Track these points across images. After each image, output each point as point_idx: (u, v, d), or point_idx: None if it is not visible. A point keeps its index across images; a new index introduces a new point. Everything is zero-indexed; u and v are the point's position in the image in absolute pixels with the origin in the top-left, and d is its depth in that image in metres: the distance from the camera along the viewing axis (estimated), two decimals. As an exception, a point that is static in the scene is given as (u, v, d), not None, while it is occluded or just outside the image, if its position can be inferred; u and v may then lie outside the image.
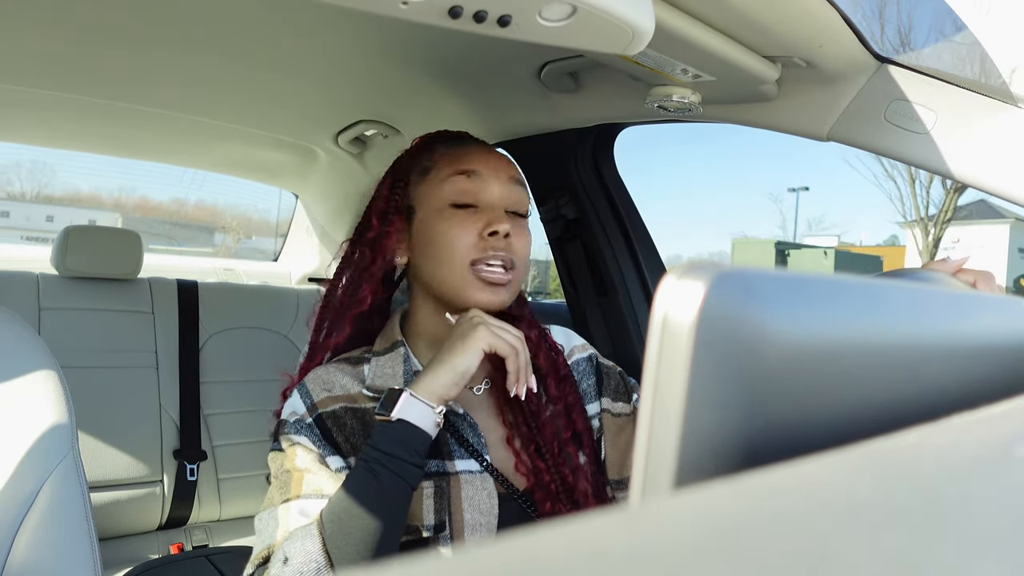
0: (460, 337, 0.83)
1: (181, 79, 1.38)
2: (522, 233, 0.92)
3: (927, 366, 0.30)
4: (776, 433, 0.23)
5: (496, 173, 0.91)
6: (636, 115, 1.27)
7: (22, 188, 49.27)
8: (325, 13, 1.08)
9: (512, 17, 0.67)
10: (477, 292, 0.87)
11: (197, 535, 1.74)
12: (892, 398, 0.28)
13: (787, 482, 0.18)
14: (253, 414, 1.82)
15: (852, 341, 0.26)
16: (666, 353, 0.21)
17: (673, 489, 0.21)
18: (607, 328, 1.57)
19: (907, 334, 0.29)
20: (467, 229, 0.88)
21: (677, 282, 0.21)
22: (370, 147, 1.79)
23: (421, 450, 0.78)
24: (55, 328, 1.67)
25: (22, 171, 50.27)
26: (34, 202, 43.52)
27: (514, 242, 0.89)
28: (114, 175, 5.02)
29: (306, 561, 0.73)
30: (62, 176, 52.62)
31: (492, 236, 0.87)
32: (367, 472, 0.76)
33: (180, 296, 1.86)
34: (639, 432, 0.22)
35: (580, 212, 1.55)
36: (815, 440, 0.24)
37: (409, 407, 0.78)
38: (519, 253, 0.91)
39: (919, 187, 18.67)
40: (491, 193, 0.90)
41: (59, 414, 0.88)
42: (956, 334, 0.32)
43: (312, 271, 2.39)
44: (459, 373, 0.81)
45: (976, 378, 0.33)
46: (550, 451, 0.88)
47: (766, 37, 0.90)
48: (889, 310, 0.29)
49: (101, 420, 1.63)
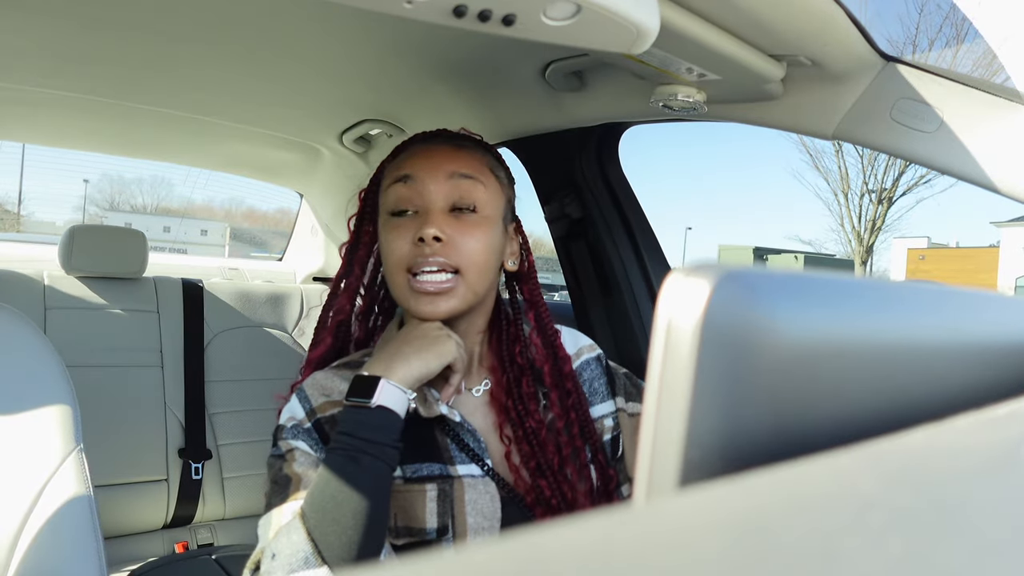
0: (431, 341, 0.84)
1: (186, 78, 1.39)
2: (468, 230, 0.86)
3: (933, 366, 0.30)
4: (781, 432, 0.23)
5: (433, 173, 0.87)
6: (641, 114, 1.27)
7: (143, 201, 51.59)
8: (330, 12, 1.08)
9: (517, 16, 0.67)
10: (416, 303, 0.85)
11: (202, 534, 1.75)
12: (898, 398, 0.28)
13: (792, 482, 0.18)
14: (258, 413, 1.83)
15: (857, 341, 0.26)
16: (670, 352, 0.21)
17: (677, 488, 0.21)
18: (611, 327, 1.57)
19: (913, 334, 0.29)
20: (400, 237, 0.86)
21: (682, 281, 0.21)
22: (375, 146, 1.79)
23: (397, 434, 0.79)
24: (61, 327, 1.68)
25: (144, 186, 53.14)
26: (154, 214, 45.22)
27: (456, 242, 0.85)
28: (225, 187, 5.03)
29: (292, 552, 0.73)
30: (179, 190, 54.35)
31: (420, 243, 0.84)
32: (347, 460, 0.76)
33: (185, 295, 1.87)
34: (643, 431, 0.22)
35: (584, 211, 1.55)
36: (820, 440, 0.24)
37: (387, 394, 0.79)
38: (464, 252, 0.85)
39: (852, 198, 21.29)
40: (426, 195, 0.87)
41: (65, 413, 0.88)
42: (962, 334, 0.32)
43: (317, 270, 2.39)
44: (431, 372, 0.83)
45: (982, 378, 0.33)
46: (550, 468, 0.87)
47: (771, 36, 0.89)
48: (895, 310, 0.28)
49: (106, 419, 1.63)
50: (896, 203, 20.83)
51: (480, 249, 0.87)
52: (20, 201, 41.23)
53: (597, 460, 0.91)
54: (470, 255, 0.86)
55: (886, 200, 20.42)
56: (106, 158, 1.59)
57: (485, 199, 0.89)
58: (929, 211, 47.90)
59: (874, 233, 20.79)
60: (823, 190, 28.46)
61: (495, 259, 0.91)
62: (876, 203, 20.49)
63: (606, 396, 0.97)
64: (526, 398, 0.90)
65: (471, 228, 0.86)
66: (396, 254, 0.86)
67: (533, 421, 0.89)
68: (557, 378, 0.93)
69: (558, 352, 0.95)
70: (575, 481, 0.87)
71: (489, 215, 0.89)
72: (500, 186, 0.93)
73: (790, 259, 21.79)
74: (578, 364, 0.98)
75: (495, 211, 0.90)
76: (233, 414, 1.82)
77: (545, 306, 0.98)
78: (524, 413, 0.89)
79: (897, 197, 20.56)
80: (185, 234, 45.56)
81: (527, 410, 0.89)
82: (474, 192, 0.88)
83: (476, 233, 0.87)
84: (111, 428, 1.64)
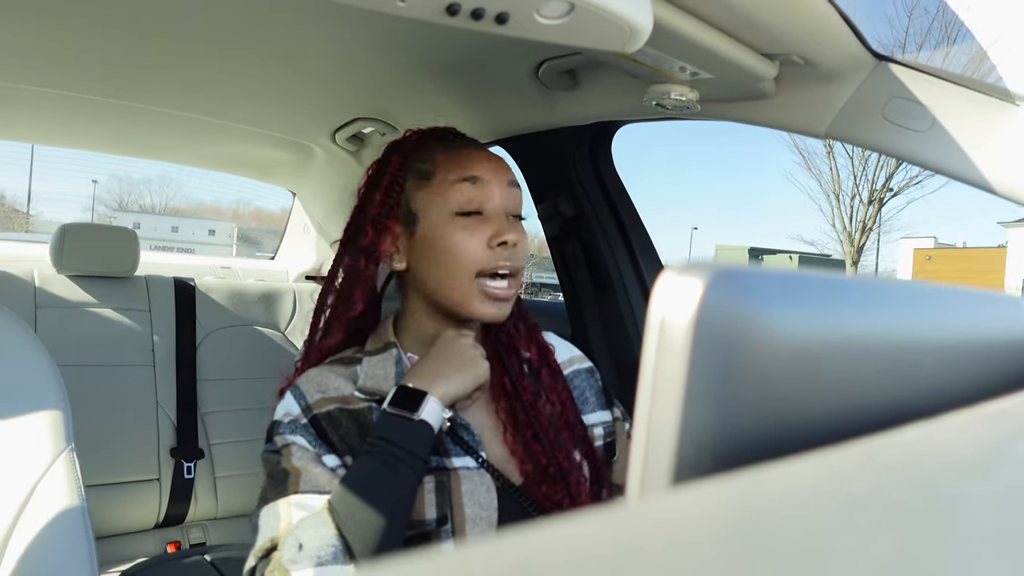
0: (469, 361, 0.87)
1: (178, 77, 1.38)
2: (523, 237, 0.91)
3: (925, 363, 0.30)
4: (774, 430, 0.23)
5: (498, 178, 0.90)
6: (634, 113, 1.27)
7: (152, 201, 52.14)
8: (323, 10, 1.08)
9: (510, 14, 0.67)
10: (481, 305, 0.88)
11: (194, 533, 1.74)
12: (890, 395, 0.28)
13: (785, 479, 0.18)
14: (250, 412, 1.82)
15: (850, 338, 0.26)
16: (664, 350, 0.21)
17: (671, 486, 0.21)
18: (604, 325, 1.57)
19: (905, 331, 0.29)
20: (474, 239, 0.87)
21: (675, 280, 0.21)
22: (368, 144, 1.79)
23: (431, 448, 0.82)
24: (52, 326, 1.67)
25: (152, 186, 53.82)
26: (162, 214, 45.38)
27: (519, 247, 0.90)
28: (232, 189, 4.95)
29: (322, 546, 0.75)
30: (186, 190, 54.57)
31: (501, 246, 0.87)
32: (384, 465, 0.79)
33: (177, 294, 1.86)
34: (636, 429, 0.22)
35: (578, 210, 1.55)
36: (813, 437, 0.24)
37: (430, 409, 0.82)
38: (521, 257, 0.91)
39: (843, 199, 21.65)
40: (495, 199, 0.89)
41: (55, 412, 0.88)
42: (954, 331, 0.32)
43: (309, 269, 2.38)
44: (466, 392, 0.86)
45: (974, 375, 0.33)
46: (546, 436, 0.89)
47: (764, 35, 0.90)
48: (887, 307, 0.29)
49: (98, 418, 1.62)
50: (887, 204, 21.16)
51: (525, 255, 0.94)
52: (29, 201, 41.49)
53: (588, 455, 0.94)
54: (522, 260, 0.92)
55: (876, 201, 20.69)
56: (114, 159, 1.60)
57: (522, 209, 0.95)
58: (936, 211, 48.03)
59: (865, 234, 21.16)
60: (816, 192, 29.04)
61: None
62: (866, 204, 20.83)
63: (597, 406, 1.00)
64: (519, 376, 0.94)
65: (523, 235, 0.92)
66: (468, 255, 0.87)
67: (528, 395, 0.92)
68: (543, 360, 0.97)
69: (539, 338, 0.99)
70: (571, 449, 0.91)
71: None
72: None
73: (785, 259, 22.21)
74: (569, 372, 1.00)
75: None
76: (225, 413, 1.81)
77: (521, 300, 1.02)
78: (522, 390, 0.92)
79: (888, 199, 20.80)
80: (193, 234, 46.04)
81: (523, 385, 0.93)
82: (521, 201, 0.94)
83: (524, 240, 0.92)
84: (102, 428, 1.63)
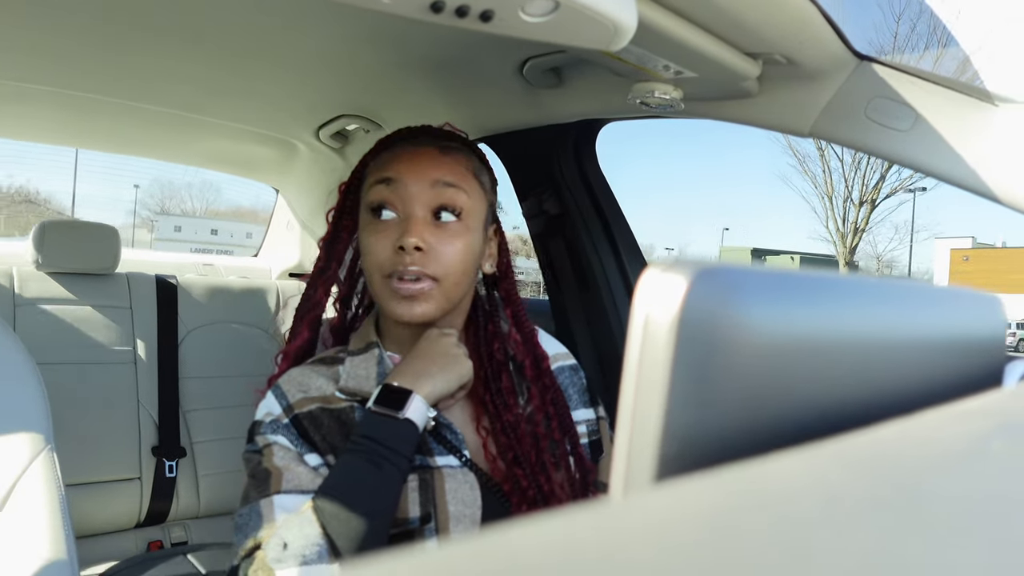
0: (453, 359, 0.86)
1: (162, 74, 1.37)
2: (448, 239, 0.86)
3: (903, 361, 0.30)
4: (756, 427, 0.24)
5: (416, 178, 0.86)
6: (618, 111, 1.27)
7: (193, 205, 52.16)
8: (307, 6, 1.07)
9: (495, 12, 0.67)
10: (394, 305, 0.85)
11: (176, 532, 1.73)
12: (869, 393, 0.28)
13: (766, 475, 0.19)
14: (233, 410, 1.81)
15: (831, 337, 0.26)
16: (647, 347, 0.21)
17: (654, 482, 0.21)
18: (588, 323, 1.57)
19: (885, 330, 0.29)
20: (381, 242, 0.85)
21: (658, 277, 0.21)
22: (352, 141, 1.78)
23: (415, 447, 0.82)
24: (31, 323, 1.65)
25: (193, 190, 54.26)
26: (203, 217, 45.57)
27: (436, 251, 0.85)
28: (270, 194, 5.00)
29: (307, 544, 0.74)
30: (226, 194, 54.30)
31: (402, 250, 0.84)
32: (369, 464, 0.78)
33: (159, 291, 1.84)
34: (620, 425, 0.22)
35: (562, 207, 1.55)
36: (794, 434, 0.24)
37: (415, 408, 0.81)
38: (443, 261, 0.85)
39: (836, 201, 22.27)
40: (409, 201, 0.86)
41: (35, 410, 0.87)
42: (933, 329, 0.33)
43: (292, 266, 2.37)
44: (450, 391, 0.85)
45: (951, 373, 0.33)
46: (527, 460, 0.88)
47: (747, 34, 0.90)
48: (868, 306, 0.29)
49: (78, 416, 1.61)
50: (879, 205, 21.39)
51: (459, 259, 0.87)
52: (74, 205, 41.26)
53: (576, 452, 0.93)
54: (449, 264, 0.86)
55: (868, 202, 20.91)
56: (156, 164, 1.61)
57: (467, 207, 0.88)
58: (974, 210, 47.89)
59: (857, 235, 21.38)
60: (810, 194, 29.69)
61: (473, 265, 0.91)
62: (858, 206, 21.04)
63: (580, 404, 0.99)
64: (505, 392, 0.91)
65: (451, 237, 0.86)
66: (376, 258, 0.86)
67: (510, 415, 0.90)
68: (537, 372, 0.94)
69: (536, 349, 0.96)
70: (551, 472, 0.89)
71: (470, 224, 0.89)
72: (483, 192, 0.92)
73: (787, 260, 22.33)
74: (553, 368, 0.99)
75: (476, 219, 0.90)
76: (208, 411, 1.80)
77: (522, 304, 0.99)
78: (502, 407, 0.90)
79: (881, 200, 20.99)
80: (232, 237, 46.77)
81: (505, 404, 0.90)
82: (457, 200, 0.87)
83: (456, 242, 0.86)
84: (83, 426, 1.61)
